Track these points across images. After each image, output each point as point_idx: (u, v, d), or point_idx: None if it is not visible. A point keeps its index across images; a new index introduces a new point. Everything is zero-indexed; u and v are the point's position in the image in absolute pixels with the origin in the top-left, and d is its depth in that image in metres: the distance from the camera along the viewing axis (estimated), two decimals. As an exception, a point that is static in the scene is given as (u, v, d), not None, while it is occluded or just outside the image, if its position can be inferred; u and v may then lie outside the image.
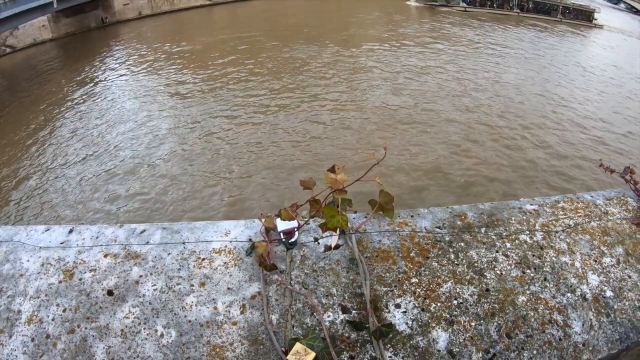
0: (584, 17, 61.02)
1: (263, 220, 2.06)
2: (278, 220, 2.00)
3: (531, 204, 2.43)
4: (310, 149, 14.95)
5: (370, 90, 20.94)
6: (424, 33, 36.25)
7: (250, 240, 2.12)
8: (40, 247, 2.23)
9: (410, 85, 21.86)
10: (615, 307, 1.98)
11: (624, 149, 15.79)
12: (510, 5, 58.05)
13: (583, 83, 27.11)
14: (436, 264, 2.07)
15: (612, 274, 2.08)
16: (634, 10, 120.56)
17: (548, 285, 2.02)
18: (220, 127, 17.04)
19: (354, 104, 18.83)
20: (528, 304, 1.96)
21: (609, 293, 2.02)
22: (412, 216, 2.29)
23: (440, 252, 2.12)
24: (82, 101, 24.62)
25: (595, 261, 2.12)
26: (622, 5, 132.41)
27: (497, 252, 2.14)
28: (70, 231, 2.31)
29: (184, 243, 2.15)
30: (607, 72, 31.30)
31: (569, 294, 2.00)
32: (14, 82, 42.13)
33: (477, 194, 12.49)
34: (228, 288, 1.99)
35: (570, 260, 2.12)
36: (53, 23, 62.82)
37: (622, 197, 2.49)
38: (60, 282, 2.06)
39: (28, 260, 2.17)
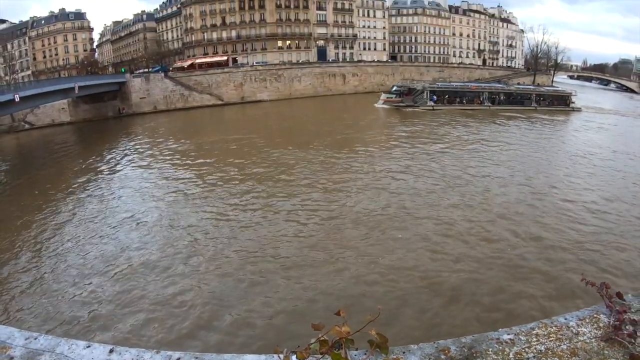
0: (561, 102, 61.36)
1: (282, 357, 2.50)
2: (294, 358, 2.45)
3: (508, 334, 2.70)
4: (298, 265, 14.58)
5: (354, 194, 21.04)
6: (401, 134, 37.18)
7: (270, 374, 2.53)
8: (84, 364, 2.46)
9: (392, 186, 22.04)
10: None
11: (607, 253, 15.11)
12: (481, 99, 57.68)
13: (572, 170, 26.70)
14: (420, 397, 2.45)
15: (576, 393, 2.28)
16: (624, 88, 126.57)
17: (514, 410, 2.27)
18: (200, 237, 16.62)
19: (344, 212, 18.67)
20: None
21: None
22: (403, 352, 2.69)
23: (424, 387, 2.50)
24: (84, 191, 25.50)
25: (561, 382, 2.34)
26: (612, 86, 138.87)
27: (472, 382, 2.42)
28: (111, 351, 2.57)
29: (214, 374, 2.54)
30: (597, 154, 31.19)
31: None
32: (27, 159, 44.56)
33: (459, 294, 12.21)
34: (252, 415, 2.33)
35: (537, 384, 2.34)
36: (72, 107, 68.33)
37: (595, 315, 2.74)
38: (107, 399, 2.26)
39: (74, 375, 2.37)
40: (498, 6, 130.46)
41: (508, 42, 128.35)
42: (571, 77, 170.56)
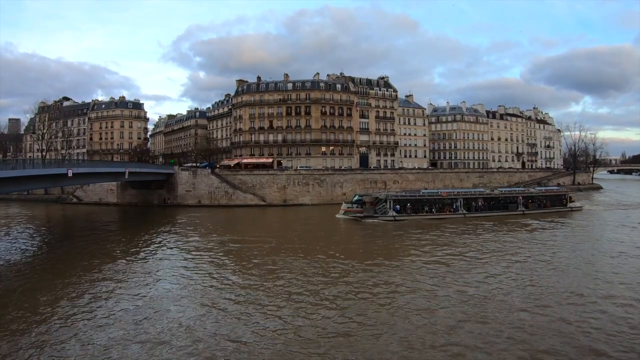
0: (556, 203, 55.51)
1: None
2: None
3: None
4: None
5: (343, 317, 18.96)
6: (372, 252, 31.71)
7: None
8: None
9: (377, 310, 18.87)
10: None
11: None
12: (454, 207, 50.66)
13: (574, 280, 23.18)
14: None
15: None
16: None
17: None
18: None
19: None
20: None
21: None
22: None
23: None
24: (119, 275, 25.72)
25: None
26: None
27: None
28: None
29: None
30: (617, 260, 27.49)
31: None
32: (70, 230, 45.48)
33: None
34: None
35: None
36: (120, 190, 71.97)
37: None
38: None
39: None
40: (534, 108, 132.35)
41: (546, 142, 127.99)
42: (611, 172, 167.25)
